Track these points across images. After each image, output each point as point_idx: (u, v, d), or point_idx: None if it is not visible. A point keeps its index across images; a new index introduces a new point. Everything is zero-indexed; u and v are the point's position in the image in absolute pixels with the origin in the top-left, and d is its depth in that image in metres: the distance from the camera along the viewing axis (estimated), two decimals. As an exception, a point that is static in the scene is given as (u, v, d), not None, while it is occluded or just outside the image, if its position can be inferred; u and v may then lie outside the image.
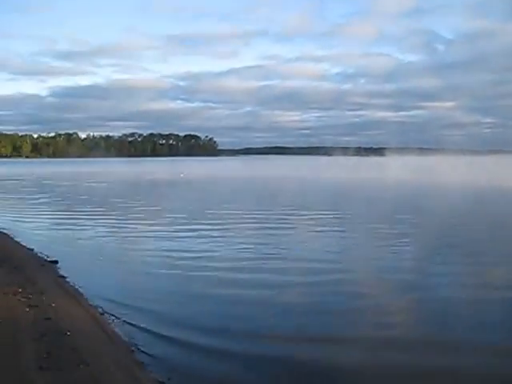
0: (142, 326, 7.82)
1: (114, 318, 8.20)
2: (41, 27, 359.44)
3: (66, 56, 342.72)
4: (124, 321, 8.04)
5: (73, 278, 10.55)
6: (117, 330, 7.63)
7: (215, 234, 16.76)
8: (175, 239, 15.71)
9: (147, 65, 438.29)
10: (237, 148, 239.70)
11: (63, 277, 10.67)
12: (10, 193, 35.08)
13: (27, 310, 7.84)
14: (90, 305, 8.85)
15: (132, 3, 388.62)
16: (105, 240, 15.71)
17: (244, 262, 12.32)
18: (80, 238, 15.92)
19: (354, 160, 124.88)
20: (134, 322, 7.95)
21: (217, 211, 22.92)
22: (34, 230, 17.68)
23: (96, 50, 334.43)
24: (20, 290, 8.75)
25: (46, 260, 12.15)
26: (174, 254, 13.08)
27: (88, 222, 19.32)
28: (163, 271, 11.50)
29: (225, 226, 18.36)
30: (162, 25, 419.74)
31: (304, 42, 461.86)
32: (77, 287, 9.91)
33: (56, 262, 11.93)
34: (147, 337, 7.40)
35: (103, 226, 18.71)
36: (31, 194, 33.60)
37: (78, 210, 23.51)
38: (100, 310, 8.60)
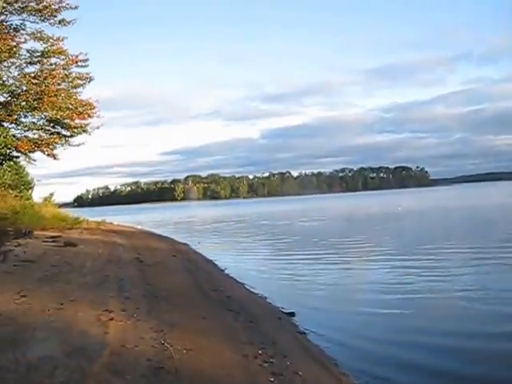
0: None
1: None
2: (249, 74, 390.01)
3: (274, 98, 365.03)
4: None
5: (314, 335, 8.96)
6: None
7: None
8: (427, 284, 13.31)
9: (352, 100, 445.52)
10: (450, 177, 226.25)
11: (303, 333, 9.14)
12: (229, 235, 36.08)
13: (271, 379, 6.32)
14: (343, 373, 7.08)
15: (331, 42, 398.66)
16: (335, 284, 14.04)
17: None
18: (308, 283, 14.45)
19: None
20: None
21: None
22: (259, 274, 16.78)
23: (302, 90, 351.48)
24: (260, 352, 7.33)
25: (281, 311, 10.76)
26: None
27: (312, 265, 17.84)
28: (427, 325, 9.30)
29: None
30: (362, 59, 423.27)
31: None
32: (321, 347, 8.26)
33: (293, 314, 10.46)
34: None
35: (328, 268, 17.06)
36: (249, 235, 34.00)
37: (298, 252, 22.33)
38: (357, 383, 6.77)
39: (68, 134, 25.02)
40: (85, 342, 6.67)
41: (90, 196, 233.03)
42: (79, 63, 24.81)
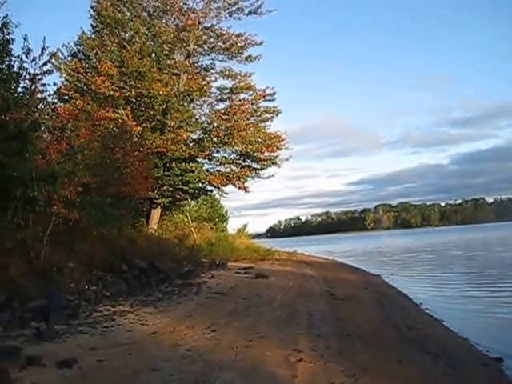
0: None
1: None
2: (435, 99, 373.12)
3: (463, 122, 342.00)
4: None
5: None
6: None
7: None
8: None
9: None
10: None
11: (514, 383, 7.28)
12: (422, 266, 33.24)
13: None
14: None
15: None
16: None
17: None
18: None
19: None
20: None
21: None
22: (457, 311, 14.55)
23: (493, 111, 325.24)
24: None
25: (486, 355, 8.89)
26: None
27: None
28: None
29: None
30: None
31: None
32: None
33: (500, 359, 8.53)
34: None
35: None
36: (443, 266, 30.86)
37: (500, 286, 19.22)
38: None
39: (258, 166, 25.55)
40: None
41: (281, 227, 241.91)
42: (267, 97, 25.49)
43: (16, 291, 9.25)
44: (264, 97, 25.36)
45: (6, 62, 10.08)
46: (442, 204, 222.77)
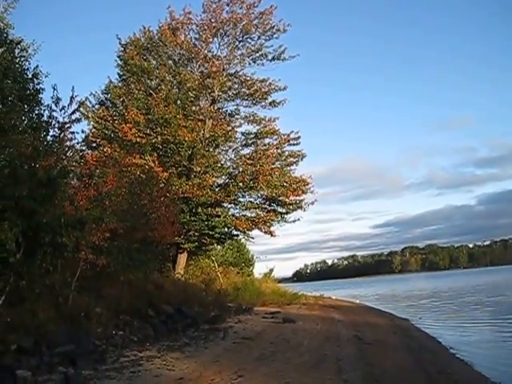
0: None
1: None
2: (459, 139, 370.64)
3: (489, 162, 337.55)
4: None
5: None
6: None
7: None
8: None
9: None
10: None
11: None
12: (451, 309, 32.12)
13: None
14: None
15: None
16: None
17: None
18: None
19: None
20: None
21: None
22: (491, 356, 13.92)
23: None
24: None
25: None
26: None
27: None
28: None
29: None
30: None
31: None
32: None
33: None
34: None
35: None
36: (474, 310, 29.84)
37: None
38: None
39: (284, 210, 25.54)
40: None
41: (308, 270, 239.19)
42: (291, 141, 25.73)
43: (44, 336, 9.29)
44: (289, 141, 25.62)
45: (36, 111, 10.41)
46: (470, 245, 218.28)
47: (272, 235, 25.59)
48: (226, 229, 24.10)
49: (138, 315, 13.40)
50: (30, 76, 10.29)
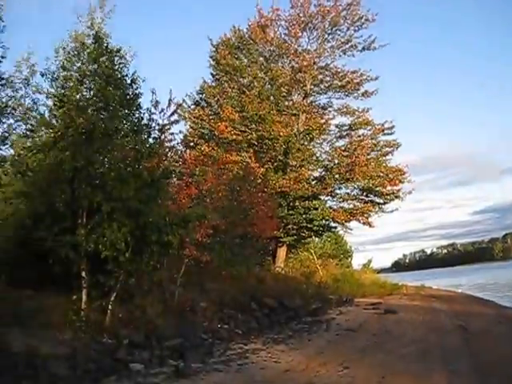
0: None
1: None
2: None
3: None
4: None
5: None
6: None
7: None
8: None
9: None
10: None
11: None
12: None
13: None
14: None
15: None
16: None
17: None
18: None
19: None
20: None
21: None
22: None
23: None
24: None
25: None
26: None
27: None
28: None
29: None
30: None
31: None
32: None
33: None
34: None
35: None
36: None
37: None
38: None
39: (381, 201, 25.02)
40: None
41: (406, 260, 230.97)
42: (385, 131, 25.10)
43: (153, 330, 9.70)
44: (383, 131, 25.03)
45: (137, 115, 10.86)
46: None
47: (370, 226, 25.17)
48: (323, 221, 23.98)
49: (241, 309, 13.63)
50: (129, 82, 10.71)
